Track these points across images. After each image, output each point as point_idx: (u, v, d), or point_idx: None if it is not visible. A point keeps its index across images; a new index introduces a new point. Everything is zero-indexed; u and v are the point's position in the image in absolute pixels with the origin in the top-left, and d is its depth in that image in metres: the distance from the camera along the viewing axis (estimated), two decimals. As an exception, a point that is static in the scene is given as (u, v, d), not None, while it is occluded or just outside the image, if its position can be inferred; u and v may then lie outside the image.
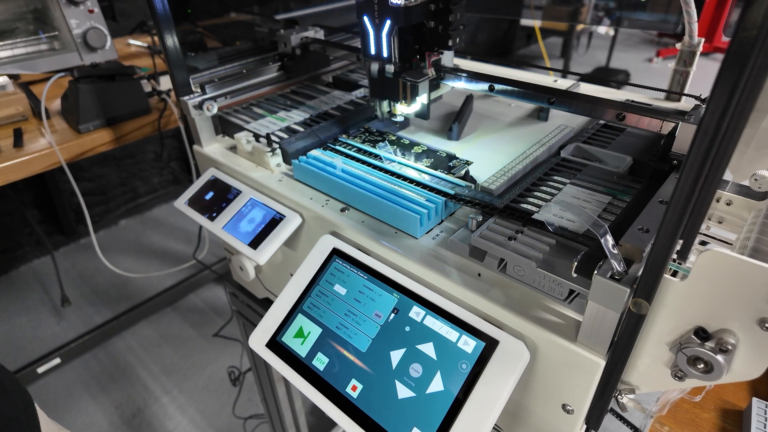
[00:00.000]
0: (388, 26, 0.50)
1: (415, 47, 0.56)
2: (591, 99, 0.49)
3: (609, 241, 0.31)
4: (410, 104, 0.56)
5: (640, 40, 3.91)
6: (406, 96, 0.55)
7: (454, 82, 0.58)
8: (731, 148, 0.23)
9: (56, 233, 1.83)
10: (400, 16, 0.49)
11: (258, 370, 0.85)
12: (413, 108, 0.58)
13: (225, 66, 0.70)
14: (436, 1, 0.52)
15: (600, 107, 0.49)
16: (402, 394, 0.38)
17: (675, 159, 0.45)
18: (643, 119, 0.47)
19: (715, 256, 0.27)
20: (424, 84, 0.55)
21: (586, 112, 0.50)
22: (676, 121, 0.45)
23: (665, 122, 0.46)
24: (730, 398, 0.47)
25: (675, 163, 0.45)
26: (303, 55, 0.73)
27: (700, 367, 0.30)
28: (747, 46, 0.21)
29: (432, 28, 0.54)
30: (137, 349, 1.45)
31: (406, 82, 0.54)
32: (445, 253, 0.43)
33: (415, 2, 0.50)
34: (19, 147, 0.77)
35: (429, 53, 0.55)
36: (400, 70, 0.54)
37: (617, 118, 0.48)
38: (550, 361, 0.36)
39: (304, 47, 0.73)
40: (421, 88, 0.55)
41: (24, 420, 0.47)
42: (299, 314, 0.45)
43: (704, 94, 0.48)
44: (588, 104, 0.49)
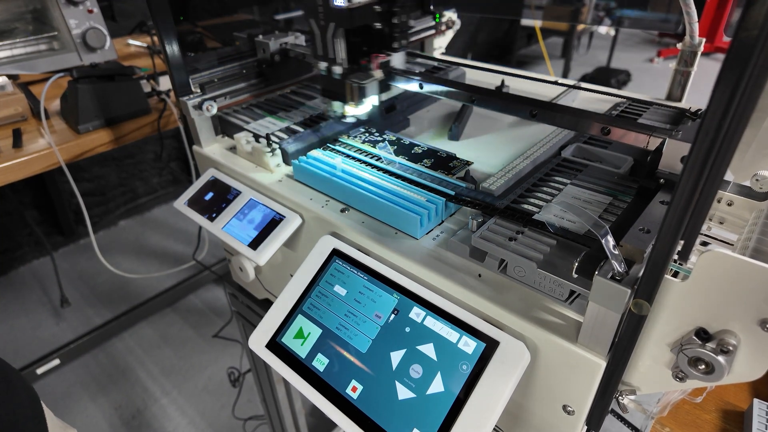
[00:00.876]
0: (332, 28, 0.51)
1: (363, 49, 0.56)
2: (574, 112, 0.45)
3: (610, 241, 0.31)
4: (358, 105, 0.57)
5: (641, 40, 3.91)
6: (353, 97, 0.56)
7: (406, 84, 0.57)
8: (732, 149, 0.23)
9: (55, 234, 1.83)
10: (344, 18, 0.50)
11: (258, 371, 0.85)
12: (362, 109, 0.58)
13: (225, 66, 0.70)
14: (380, 3, 0.52)
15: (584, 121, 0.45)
16: (402, 395, 0.37)
17: (662, 177, 0.41)
18: (629, 134, 0.43)
19: (716, 257, 0.27)
20: (372, 85, 0.56)
21: (569, 125, 0.46)
22: (663, 136, 0.41)
23: (652, 137, 0.42)
24: (731, 399, 0.47)
25: (662, 182, 0.41)
26: (282, 61, 0.71)
27: (701, 368, 0.30)
28: (748, 46, 0.21)
29: (378, 29, 0.54)
30: (137, 350, 1.45)
31: (353, 84, 0.54)
32: (445, 254, 0.43)
33: (358, 4, 0.50)
34: (18, 147, 0.77)
35: (375, 55, 0.55)
36: (347, 72, 0.55)
37: (602, 133, 0.44)
38: (550, 362, 0.36)
39: (284, 53, 0.71)
40: (369, 90, 0.56)
41: (31, 416, 0.47)
42: (299, 315, 0.45)
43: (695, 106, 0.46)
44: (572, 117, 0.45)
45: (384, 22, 0.54)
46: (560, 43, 3.45)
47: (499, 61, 3.26)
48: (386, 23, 0.54)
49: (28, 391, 0.48)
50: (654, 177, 0.42)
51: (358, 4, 0.50)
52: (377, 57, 0.55)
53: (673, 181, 0.40)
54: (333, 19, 0.51)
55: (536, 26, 2.99)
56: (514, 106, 0.48)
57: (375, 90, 0.57)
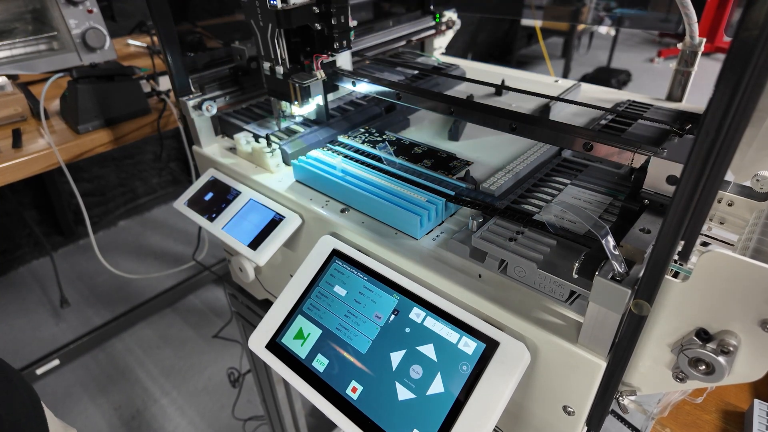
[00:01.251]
0: (270, 28, 0.51)
1: (306, 49, 0.56)
2: (555, 126, 0.42)
3: (610, 242, 0.31)
4: (302, 105, 0.57)
5: (641, 40, 3.90)
6: (297, 97, 0.56)
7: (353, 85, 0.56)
8: (733, 149, 0.23)
9: (55, 234, 1.83)
10: (281, 19, 0.50)
11: (258, 371, 0.84)
12: (307, 109, 0.58)
13: (224, 66, 0.69)
14: (318, 4, 0.52)
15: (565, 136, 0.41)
16: (402, 395, 0.37)
17: (646, 198, 0.37)
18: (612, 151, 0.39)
19: (716, 257, 0.27)
20: (317, 85, 0.56)
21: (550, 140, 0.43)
22: (648, 154, 0.37)
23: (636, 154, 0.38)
24: (731, 400, 0.47)
25: (646, 203, 0.38)
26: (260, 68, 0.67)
27: (702, 369, 0.30)
28: (748, 46, 0.21)
29: (319, 30, 0.54)
30: (136, 351, 1.45)
31: (294, 84, 0.55)
32: (445, 254, 0.43)
33: (294, 5, 0.50)
34: (18, 147, 0.76)
35: (317, 55, 0.56)
36: (290, 72, 0.55)
37: (584, 148, 0.40)
38: (550, 363, 0.36)
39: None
40: (314, 90, 0.56)
41: (32, 416, 0.47)
42: (299, 315, 0.45)
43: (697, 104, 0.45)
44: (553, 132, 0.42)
45: (323, 23, 0.54)
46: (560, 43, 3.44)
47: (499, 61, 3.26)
48: (326, 24, 0.54)
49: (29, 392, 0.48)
50: (638, 197, 0.38)
51: (294, 5, 0.51)
52: (318, 57, 0.55)
53: (658, 203, 0.37)
54: (271, 20, 0.51)
55: (536, 26, 2.98)
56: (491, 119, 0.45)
57: (319, 90, 0.57)
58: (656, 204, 0.37)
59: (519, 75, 0.76)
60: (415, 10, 0.85)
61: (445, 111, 0.48)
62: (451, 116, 0.48)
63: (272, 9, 0.50)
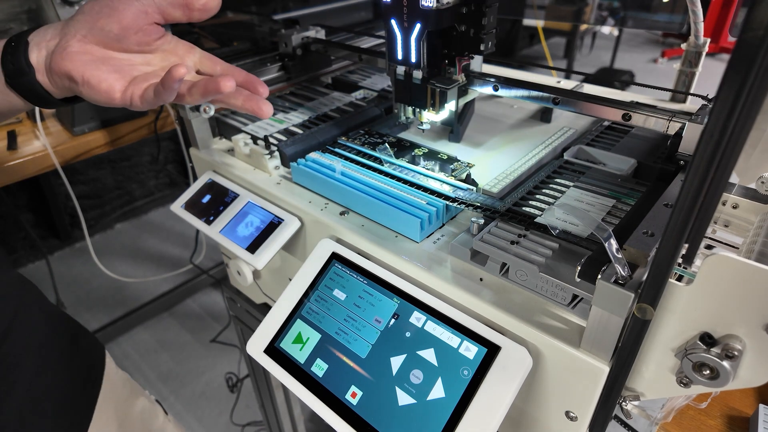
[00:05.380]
0: (418, 30, 0.48)
1: (444, 51, 0.53)
2: (596, 99, 0.49)
3: (613, 245, 0.30)
4: (438, 111, 0.54)
5: (644, 41, 3.89)
6: (434, 103, 0.53)
7: (483, 87, 0.56)
8: (737, 151, 0.23)
9: (51, 237, 1.81)
10: (431, 19, 0.47)
11: (256, 376, 0.84)
12: (441, 116, 0.55)
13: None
14: (468, 4, 0.50)
15: (605, 107, 0.48)
16: (402, 400, 0.37)
17: (682, 159, 0.44)
18: (650, 119, 0.46)
19: (721, 261, 0.27)
20: (453, 90, 0.53)
21: (591, 112, 0.50)
22: (683, 120, 0.44)
23: (672, 122, 0.45)
24: (736, 405, 0.46)
25: (682, 164, 0.44)
26: (304, 55, 0.72)
27: (706, 374, 0.30)
28: (753, 46, 0.20)
29: (463, 31, 0.51)
30: (133, 355, 1.43)
31: (435, 89, 0.52)
32: (446, 258, 0.42)
33: (446, 5, 0.47)
34: (13, 149, 0.76)
35: (459, 58, 0.53)
36: (428, 76, 0.52)
37: (623, 119, 0.47)
38: (553, 368, 0.36)
39: (305, 47, 0.72)
40: (450, 95, 0.53)
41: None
42: (298, 320, 0.44)
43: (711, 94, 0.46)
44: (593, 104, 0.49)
45: (470, 24, 0.51)
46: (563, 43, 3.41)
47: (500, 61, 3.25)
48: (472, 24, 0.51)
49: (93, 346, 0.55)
50: (674, 160, 0.44)
51: (446, 5, 0.47)
52: (462, 60, 0.53)
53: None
54: (419, 20, 0.47)
55: (539, 26, 2.97)
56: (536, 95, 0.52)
57: (455, 95, 0.54)
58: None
59: (520, 76, 0.76)
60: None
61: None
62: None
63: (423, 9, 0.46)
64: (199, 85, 0.35)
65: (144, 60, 0.39)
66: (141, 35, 0.37)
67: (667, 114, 0.45)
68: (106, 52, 0.37)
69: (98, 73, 0.36)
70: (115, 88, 0.36)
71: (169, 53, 0.40)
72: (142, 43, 0.38)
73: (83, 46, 0.36)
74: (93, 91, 0.36)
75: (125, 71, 0.37)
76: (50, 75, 0.37)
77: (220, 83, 0.34)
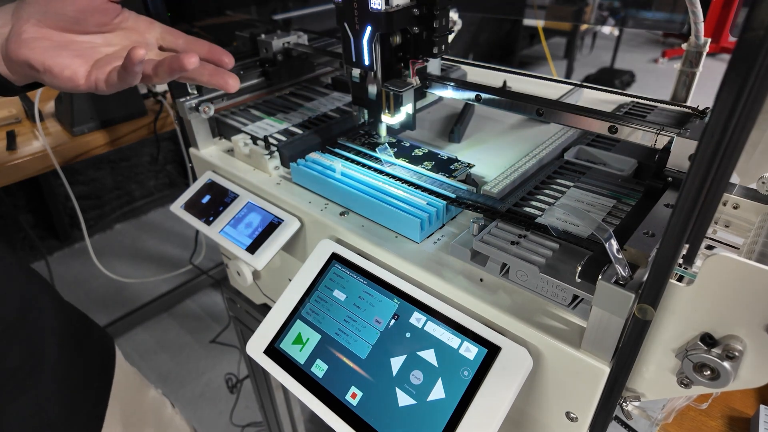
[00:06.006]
0: (369, 33, 0.48)
1: (399, 54, 0.53)
2: (580, 110, 0.45)
3: (613, 245, 0.30)
4: (394, 114, 0.54)
5: (645, 41, 3.87)
6: (389, 106, 0.53)
7: (441, 90, 0.55)
8: (738, 151, 0.23)
9: (50, 238, 1.81)
10: (381, 22, 0.47)
11: (256, 377, 0.84)
12: (398, 118, 0.55)
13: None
14: (419, 6, 0.50)
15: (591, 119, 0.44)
16: (402, 401, 0.37)
17: (670, 176, 0.40)
18: (637, 133, 0.43)
19: (721, 261, 0.27)
20: (409, 93, 0.53)
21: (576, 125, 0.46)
22: (672, 134, 0.40)
23: (660, 135, 0.41)
24: (737, 405, 0.46)
25: (670, 180, 0.40)
26: (285, 60, 0.70)
27: (707, 374, 0.30)
28: (754, 46, 0.20)
29: (416, 34, 0.51)
30: (133, 356, 1.43)
31: (389, 92, 0.52)
32: (446, 258, 0.42)
33: (396, 8, 0.48)
34: (13, 150, 0.76)
35: (413, 61, 0.53)
36: (383, 79, 0.52)
37: (609, 131, 0.43)
38: (553, 368, 0.36)
39: (287, 52, 0.70)
40: (405, 98, 0.53)
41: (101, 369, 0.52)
42: (298, 320, 0.44)
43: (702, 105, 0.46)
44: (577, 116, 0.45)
45: (422, 26, 0.51)
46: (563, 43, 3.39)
47: (501, 61, 3.25)
48: (425, 27, 0.51)
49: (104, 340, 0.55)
50: (661, 176, 0.41)
51: (397, 8, 0.47)
52: (415, 63, 0.53)
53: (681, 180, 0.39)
54: (370, 23, 0.48)
55: (539, 26, 2.96)
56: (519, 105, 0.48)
57: (411, 98, 0.54)
58: (679, 181, 0.39)
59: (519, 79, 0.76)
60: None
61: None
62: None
63: (373, 11, 0.47)
64: (164, 64, 0.34)
65: (104, 40, 0.38)
66: (98, 16, 0.36)
67: (655, 127, 0.42)
68: (65, 35, 0.36)
69: (60, 60, 0.34)
70: (79, 74, 0.35)
71: (129, 31, 0.39)
72: (100, 23, 0.37)
73: (39, 31, 0.35)
74: (56, 78, 0.35)
75: (87, 55, 0.36)
76: (8, 63, 0.36)
77: (184, 61, 0.33)
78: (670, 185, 0.40)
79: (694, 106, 0.46)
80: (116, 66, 0.35)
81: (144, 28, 0.39)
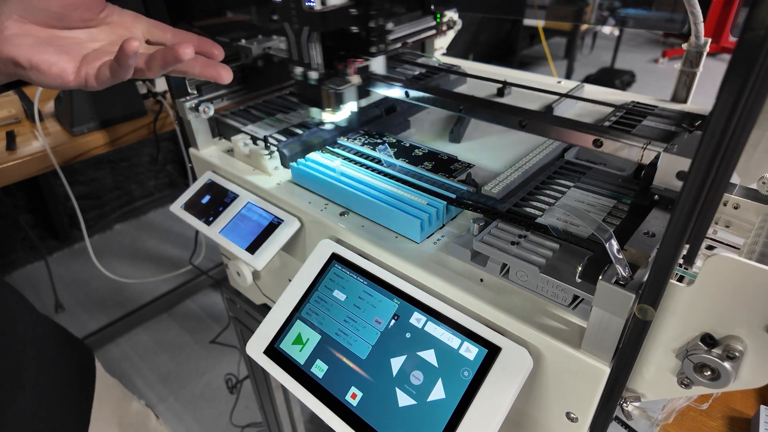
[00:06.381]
0: (306, 32, 0.50)
1: (341, 53, 0.54)
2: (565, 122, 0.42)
3: (614, 245, 0.30)
4: (335, 112, 0.55)
5: (645, 41, 3.86)
6: (330, 103, 0.54)
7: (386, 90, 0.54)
8: (739, 151, 0.23)
9: (50, 238, 1.81)
10: (317, 21, 0.48)
11: (256, 377, 0.83)
12: (340, 115, 0.56)
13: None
14: (356, 6, 0.51)
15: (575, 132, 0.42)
16: (402, 401, 0.37)
17: (657, 194, 0.38)
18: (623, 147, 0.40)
19: (722, 261, 0.27)
20: (350, 91, 0.54)
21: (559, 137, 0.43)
22: (658, 149, 0.38)
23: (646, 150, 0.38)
24: (737, 406, 0.46)
25: (656, 199, 0.38)
26: (266, 66, 0.68)
27: (707, 375, 0.30)
28: (755, 46, 0.20)
29: (355, 34, 0.53)
30: (132, 356, 1.43)
31: (328, 90, 0.53)
32: (446, 258, 0.42)
33: (332, 8, 0.49)
34: (12, 150, 0.76)
35: (352, 60, 0.54)
36: (323, 77, 0.53)
37: (594, 145, 0.41)
38: (553, 369, 0.36)
39: (268, 58, 0.69)
40: (347, 96, 0.54)
41: None
42: (298, 321, 0.44)
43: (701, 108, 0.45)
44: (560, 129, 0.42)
45: (360, 26, 0.52)
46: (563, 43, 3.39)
47: (501, 61, 3.25)
48: (363, 27, 0.52)
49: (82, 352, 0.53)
50: (648, 193, 0.38)
51: (332, 7, 0.49)
52: (354, 62, 0.54)
53: (668, 198, 0.37)
54: (306, 22, 0.49)
55: (539, 26, 2.96)
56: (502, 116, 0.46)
57: (353, 96, 0.55)
58: (666, 200, 0.37)
59: (521, 76, 0.76)
60: (415, 10, 0.85)
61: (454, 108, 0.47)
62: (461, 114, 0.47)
63: (309, 11, 0.48)
64: (157, 56, 0.33)
65: (89, 36, 0.37)
66: (82, 11, 0.35)
67: (641, 141, 0.39)
68: (49, 31, 0.35)
69: (47, 57, 0.34)
70: (68, 71, 0.34)
71: (115, 26, 0.38)
72: (85, 18, 0.36)
73: (23, 27, 0.34)
74: (44, 75, 0.34)
75: (74, 51, 0.35)
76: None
77: (179, 51, 0.32)
78: (657, 204, 0.38)
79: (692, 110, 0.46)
80: (106, 61, 0.34)
81: (130, 22, 0.39)
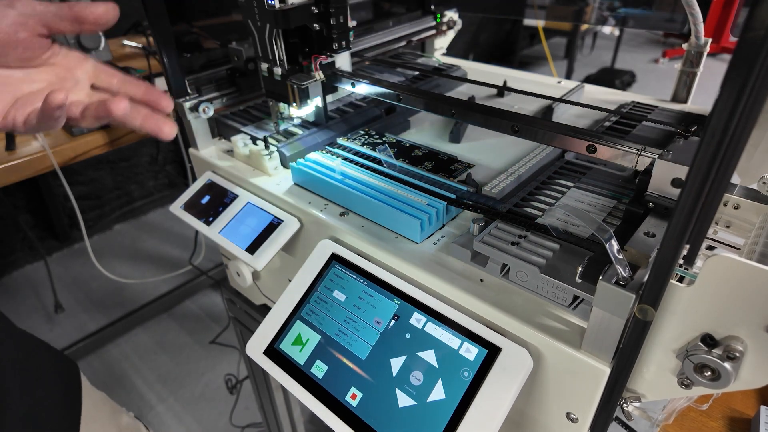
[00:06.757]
0: (268, 29, 0.51)
1: (305, 50, 0.56)
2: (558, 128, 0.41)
3: (614, 245, 0.30)
4: (300, 107, 0.56)
5: (645, 41, 3.85)
6: (295, 98, 0.55)
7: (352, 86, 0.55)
8: (739, 151, 0.23)
9: (49, 238, 1.81)
10: (279, 18, 0.49)
11: (255, 378, 0.83)
12: (305, 111, 0.58)
13: (221, 67, 0.69)
14: (317, 4, 0.52)
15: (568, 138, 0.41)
16: (402, 402, 0.37)
17: (651, 201, 0.37)
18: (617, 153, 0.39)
19: (722, 262, 0.27)
20: (315, 87, 0.55)
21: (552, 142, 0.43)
22: (653, 156, 0.37)
23: (641, 157, 0.37)
24: (737, 406, 0.46)
25: (651, 206, 0.37)
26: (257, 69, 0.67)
27: (707, 375, 0.30)
28: (755, 46, 0.20)
29: (318, 31, 0.54)
30: (132, 357, 1.43)
31: (293, 85, 0.54)
32: (446, 259, 0.42)
33: (293, 5, 0.50)
34: (12, 150, 0.76)
35: (315, 56, 0.55)
36: (288, 73, 0.54)
37: (588, 151, 0.40)
38: (553, 369, 0.36)
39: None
40: (312, 92, 0.55)
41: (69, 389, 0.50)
42: (297, 321, 0.44)
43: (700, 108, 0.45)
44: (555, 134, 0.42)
45: (322, 23, 0.53)
46: (564, 43, 3.39)
47: (501, 61, 3.25)
48: (325, 24, 0.54)
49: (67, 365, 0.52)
50: (642, 201, 0.37)
51: (292, 5, 0.50)
52: (317, 58, 0.55)
53: (663, 206, 0.37)
54: (268, 20, 0.50)
55: (539, 26, 2.95)
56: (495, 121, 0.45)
57: (318, 91, 0.56)
58: (661, 207, 0.37)
59: (521, 76, 0.76)
60: (416, 10, 0.85)
61: (446, 112, 0.48)
62: (452, 118, 0.48)
63: (270, 9, 0.49)
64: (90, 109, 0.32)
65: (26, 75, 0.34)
66: (22, 50, 0.33)
67: (636, 147, 0.38)
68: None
69: None
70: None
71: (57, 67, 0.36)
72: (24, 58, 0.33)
73: None
74: None
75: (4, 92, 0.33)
76: None
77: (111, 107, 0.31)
78: (651, 211, 0.37)
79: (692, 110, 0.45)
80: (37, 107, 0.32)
81: (74, 64, 0.36)
